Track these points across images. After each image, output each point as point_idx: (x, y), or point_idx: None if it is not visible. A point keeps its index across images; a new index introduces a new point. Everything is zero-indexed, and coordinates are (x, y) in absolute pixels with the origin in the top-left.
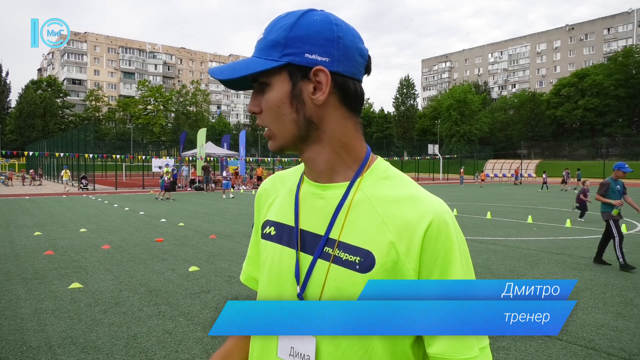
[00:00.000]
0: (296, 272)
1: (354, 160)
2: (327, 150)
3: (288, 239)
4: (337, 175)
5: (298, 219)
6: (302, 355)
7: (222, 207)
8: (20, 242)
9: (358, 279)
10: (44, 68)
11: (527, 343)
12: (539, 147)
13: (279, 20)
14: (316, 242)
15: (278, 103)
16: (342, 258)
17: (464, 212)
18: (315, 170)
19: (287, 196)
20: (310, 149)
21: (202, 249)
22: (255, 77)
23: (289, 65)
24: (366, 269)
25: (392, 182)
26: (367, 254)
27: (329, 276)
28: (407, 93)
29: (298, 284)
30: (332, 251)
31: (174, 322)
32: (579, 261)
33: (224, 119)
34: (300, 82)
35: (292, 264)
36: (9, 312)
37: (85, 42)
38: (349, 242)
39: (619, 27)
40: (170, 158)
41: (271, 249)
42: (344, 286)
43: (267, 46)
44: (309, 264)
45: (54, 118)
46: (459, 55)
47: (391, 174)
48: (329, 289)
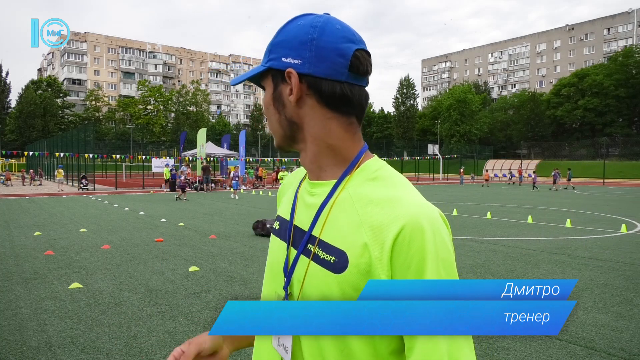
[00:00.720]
0: (285, 266)
1: (342, 160)
2: (312, 150)
3: (284, 233)
4: (325, 174)
5: (294, 214)
6: (284, 347)
7: (222, 207)
8: (20, 242)
9: (331, 279)
10: (44, 68)
11: (527, 343)
12: (539, 147)
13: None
14: (301, 237)
15: (266, 105)
16: (320, 256)
17: (464, 212)
18: (306, 168)
19: (292, 192)
20: (299, 148)
21: (202, 249)
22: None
23: (270, 69)
24: (339, 270)
25: (378, 183)
26: (341, 254)
27: (308, 273)
28: (407, 93)
29: (285, 277)
30: (313, 248)
31: (174, 322)
32: (579, 261)
33: (224, 119)
34: (280, 84)
35: (281, 256)
36: (9, 312)
37: (85, 42)
38: (327, 240)
39: (619, 27)
40: (170, 158)
41: (273, 242)
42: (319, 285)
43: (264, 53)
44: (293, 259)
45: (54, 118)
46: (459, 55)
47: (380, 174)
48: (307, 286)
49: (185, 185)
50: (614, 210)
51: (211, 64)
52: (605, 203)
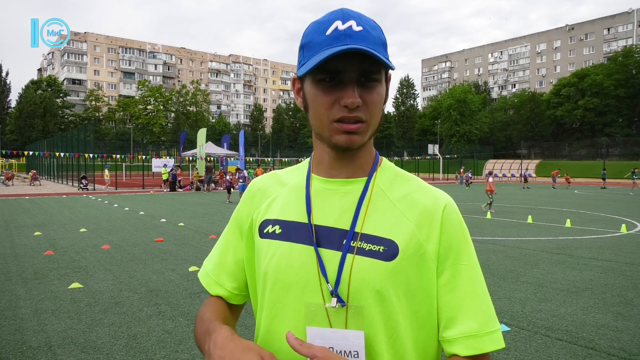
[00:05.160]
0: (321, 268)
1: (371, 158)
2: (367, 149)
3: (298, 235)
4: (359, 172)
5: (311, 214)
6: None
7: (222, 207)
8: (20, 242)
9: (383, 267)
10: (44, 68)
11: (527, 343)
12: (539, 147)
13: (364, 16)
14: (336, 236)
15: (381, 99)
16: (365, 249)
17: (464, 212)
18: (348, 166)
19: (291, 194)
20: (365, 145)
21: (202, 249)
22: (369, 70)
23: (387, 67)
24: (391, 257)
25: (403, 179)
26: (390, 243)
27: (354, 268)
28: (407, 93)
29: (328, 282)
30: (354, 243)
31: (174, 322)
32: (579, 261)
33: (224, 119)
34: (384, 83)
35: (306, 260)
36: (9, 312)
37: (85, 42)
38: (371, 233)
39: (619, 27)
40: (170, 158)
41: (277, 248)
42: (367, 276)
43: (378, 43)
44: (338, 259)
45: (54, 118)
46: (459, 55)
47: (399, 171)
48: (354, 280)
49: (230, 186)
50: (614, 210)
51: (211, 64)
52: (605, 203)
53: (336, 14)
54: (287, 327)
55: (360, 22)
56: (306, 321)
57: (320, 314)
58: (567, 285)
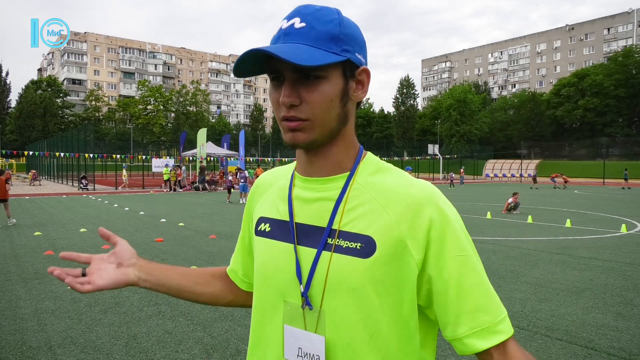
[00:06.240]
0: (297, 268)
1: (353, 154)
2: (341, 145)
3: (282, 233)
4: (339, 169)
5: (292, 213)
6: (311, 356)
7: (222, 207)
8: (20, 242)
9: (359, 264)
10: (44, 68)
11: (527, 343)
12: (539, 147)
13: (319, 10)
14: (316, 234)
15: (332, 97)
16: (343, 246)
17: (464, 212)
18: (323, 164)
19: (278, 192)
20: (332, 143)
21: (202, 249)
22: (309, 68)
23: (347, 61)
24: (368, 254)
25: (385, 173)
26: (368, 240)
27: (332, 266)
28: (407, 93)
29: (301, 283)
30: (331, 241)
31: (174, 322)
32: (579, 261)
33: (224, 119)
34: (349, 79)
35: (286, 258)
36: (9, 312)
37: (85, 42)
38: (349, 230)
39: (619, 27)
40: (171, 158)
41: (266, 245)
42: (344, 273)
43: (321, 37)
44: (313, 257)
45: (54, 118)
46: (459, 55)
47: (382, 165)
48: (331, 278)
49: (231, 186)
50: (614, 210)
51: (211, 64)
52: (605, 203)
53: (292, 12)
54: (272, 323)
55: (307, 17)
56: (285, 320)
57: (297, 314)
58: (567, 285)
